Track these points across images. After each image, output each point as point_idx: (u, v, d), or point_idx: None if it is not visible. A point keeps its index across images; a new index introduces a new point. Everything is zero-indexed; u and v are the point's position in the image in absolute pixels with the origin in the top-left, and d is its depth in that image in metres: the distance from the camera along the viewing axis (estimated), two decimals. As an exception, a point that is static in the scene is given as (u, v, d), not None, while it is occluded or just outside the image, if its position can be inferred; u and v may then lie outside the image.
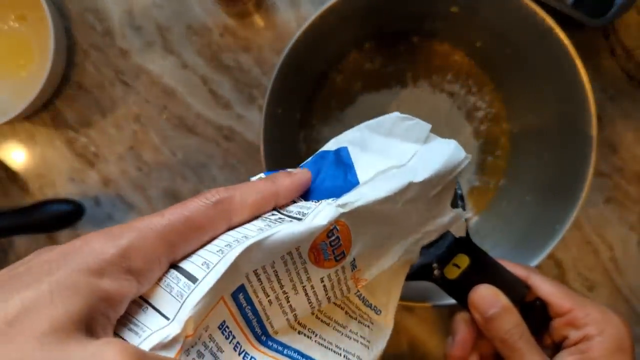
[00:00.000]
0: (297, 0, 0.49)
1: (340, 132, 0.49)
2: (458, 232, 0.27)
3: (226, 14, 0.49)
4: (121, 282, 0.16)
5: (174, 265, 0.19)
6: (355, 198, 0.21)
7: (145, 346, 0.16)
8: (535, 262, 0.40)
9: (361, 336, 0.25)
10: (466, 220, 0.31)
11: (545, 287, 0.30)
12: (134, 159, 0.50)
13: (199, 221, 0.19)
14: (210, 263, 0.18)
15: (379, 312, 0.26)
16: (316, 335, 0.23)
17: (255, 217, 0.21)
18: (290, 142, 0.47)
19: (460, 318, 0.31)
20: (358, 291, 0.25)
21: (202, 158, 0.50)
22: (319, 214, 0.20)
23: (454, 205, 0.25)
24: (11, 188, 0.50)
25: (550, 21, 0.39)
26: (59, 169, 0.50)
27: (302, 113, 0.48)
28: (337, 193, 0.21)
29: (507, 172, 0.48)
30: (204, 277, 0.17)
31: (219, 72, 0.49)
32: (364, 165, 0.23)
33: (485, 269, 0.29)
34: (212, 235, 0.19)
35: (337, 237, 0.21)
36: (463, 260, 0.28)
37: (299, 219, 0.20)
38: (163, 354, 0.16)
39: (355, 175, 0.22)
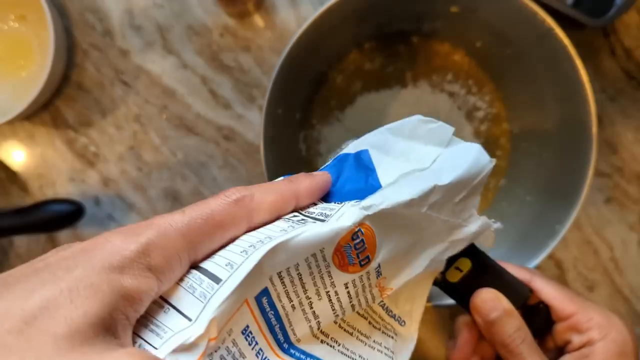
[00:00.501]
0: (297, 0, 0.49)
1: (340, 132, 0.50)
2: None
3: (226, 14, 0.49)
4: (142, 280, 0.16)
5: (196, 266, 0.18)
6: (379, 200, 0.20)
7: (167, 348, 0.15)
8: (535, 262, 0.40)
9: (385, 347, 0.24)
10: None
11: (548, 290, 0.30)
12: (134, 159, 0.50)
13: (220, 218, 0.18)
14: (234, 264, 0.18)
15: (403, 324, 0.25)
16: (339, 345, 0.22)
17: (277, 218, 0.20)
18: (290, 142, 0.47)
19: (462, 321, 0.31)
20: (381, 301, 0.24)
21: (202, 158, 0.50)
22: (343, 215, 0.20)
23: None
24: (11, 188, 0.50)
25: (550, 21, 0.39)
26: (59, 169, 0.50)
27: (302, 113, 0.48)
28: (359, 196, 0.21)
29: (507, 172, 0.48)
30: (228, 278, 0.17)
31: (219, 72, 0.49)
32: (385, 168, 0.22)
33: (488, 273, 0.29)
34: (233, 234, 0.19)
35: (362, 240, 0.20)
36: (465, 264, 0.28)
37: (323, 220, 0.20)
38: (185, 357, 0.15)
39: (377, 178, 0.22)
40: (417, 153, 0.23)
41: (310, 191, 0.21)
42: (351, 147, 0.24)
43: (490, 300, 0.28)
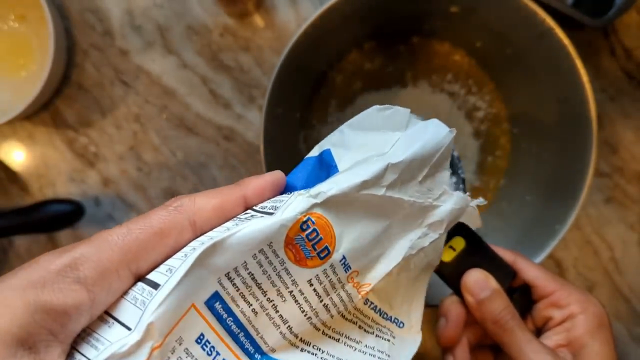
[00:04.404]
0: (297, 0, 0.49)
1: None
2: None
3: (226, 14, 0.49)
4: (68, 293, 0.16)
5: (142, 278, 0.18)
6: (328, 187, 0.20)
7: (101, 358, 0.15)
8: (535, 262, 0.40)
9: (379, 350, 0.23)
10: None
11: (531, 271, 0.32)
12: (134, 159, 0.50)
13: (160, 227, 0.18)
14: (174, 268, 0.17)
15: (401, 325, 0.24)
16: (323, 352, 0.21)
17: (226, 221, 0.20)
18: (290, 142, 0.47)
19: (450, 301, 0.31)
20: (372, 303, 0.23)
21: (202, 158, 0.50)
22: (290, 206, 0.19)
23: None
24: (11, 188, 0.50)
25: (550, 21, 0.39)
26: (59, 169, 0.50)
27: (302, 113, 0.48)
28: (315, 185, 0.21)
29: (507, 172, 0.48)
30: (165, 282, 0.17)
31: (219, 72, 0.49)
32: (346, 161, 0.22)
33: (479, 253, 0.30)
34: (176, 241, 0.19)
35: (315, 230, 0.19)
36: (459, 243, 0.29)
37: (271, 214, 0.19)
38: None
39: (337, 171, 0.21)
40: (377, 141, 0.22)
41: (259, 191, 0.21)
42: (315, 150, 0.23)
43: (480, 280, 0.29)
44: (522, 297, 0.32)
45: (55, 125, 0.50)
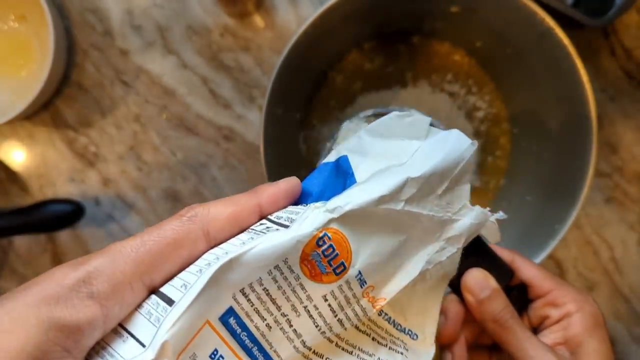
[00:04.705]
0: (297, 0, 0.49)
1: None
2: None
3: (226, 14, 0.49)
4: (81, 309, 0.16)
5: (156, 291, 0.18)
6: (345, 201, 0.19)
7: None
8: (535, 262, 0.40)
9: None
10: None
11: (528, 270, 0.32)
12: (134, 159, 0.50)
13: (174, 238, 0.18)
14: (188, 284, 0.17)
15: (415, 337, 0.24)
16: None
17: (240, 231, 0.19)
18: (290, 142, 0.47)
19: (450, 299, 0.32)
20: (386, 314, 0.23)
21: (202, 158, 0.50)
22: (306, 220, 0.19)
23: None
24: (11, 188, 0.50)
25: (550, 21, 0.39)
26: (59, 169, 0.50)
27: (302, 113, 0.48)
28: (332, 195, 0.20)
29: (507, 172, 0.48)
30: (180, 299, 0.17)
31: (219, 72, 0.49)
32: (363, 169, 0.21)
33: (479, 253, 0.30)
34: (191, 252, 0.18)
35: (331, 246, 0.19)
36: None
37: (287, 226, 0.19)
38: None
39: (354, 181, 0.21)
40: (395, 150, 0.21)
41: (274, 199, 0.20)
42: (331, 156, 0.23)
43: (481, 280, 0.30)
44: (519, 295, 0.32)
45: (55, 125, 0.50)
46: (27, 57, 0.48)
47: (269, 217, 0.20)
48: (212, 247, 0.19)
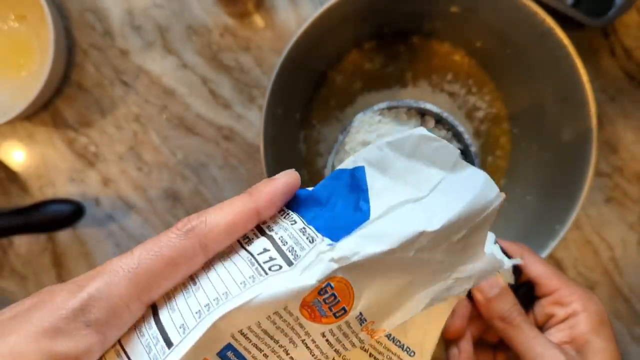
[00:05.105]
0: (297, 0, 0.49)
1: (340, 132, 0.49)
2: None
3: (226, 14, 0.49)
4: (79, 339, 0.16)
5: (155, 311, 0.18)
6: (352, 251, 0.18)
7: None
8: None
9: None
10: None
11: (536, 268, 0.32)
12: (134, 159, 0.50)
13: (171, 255, 0.18)
14: (187, 327, 0.17)
15: (412, 354, 0.23)
16: None
17: (241, 244, 0.19)
18: (290, 142, 0.47)
19: None
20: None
21: (202, 158, 0.50)
22: (309, 267, 0.18)
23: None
24: (11, 188, 0.50)
25: (550, 21, 0.39)
26: (59, 169, 0.50)
27: (302, 113, 0.48)
28: (342, 226, 0.19)
29: (507, 172, 0.48)
30: (179, 342, 0.17)
31: (219, 72, 0.49)
32: (379, 190, 0.20)
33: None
34: (188, 269, 0.18)
35: (333, 295, 0.19)
36: None
37: (291, 263, 0.18)
38: None
39: (367, 204, 0.20)
40: (416, 175, 0.20)
41: (273, 200, 0.20)
42: (349, 162, 0.22)
43: (490, 278, 0.30)
44: (526, 293, 0.32)
45: (55, 125, 0.50)
46: (27, 57, 0.48)
47: (274, 235, 0.20)
48: (209, 258, 0.19)
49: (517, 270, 0.32)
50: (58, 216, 0.48)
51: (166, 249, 0.18)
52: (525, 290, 0.32)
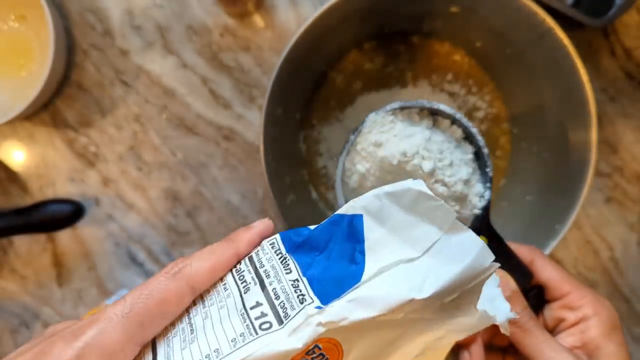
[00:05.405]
0: (297, 0, 0.49)
1: (340, 132, 0.49)
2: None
3: (226, 14, 0.49)
4: None
5: (154, 346, 0.19)
6: (340, 316, 0.19)
7: None
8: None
9: None
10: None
11: (547, 272, 0.32)
12: (134, 159, 0.50)
13: (162, 298, 0.19)
14: None
15: None
16: None
17: (221, 276, 0.21)
18: (290, 142, 0.47)
19: None
20: None
21: (202, 158, 0.50)
22: (296, 331, 0.19)
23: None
24: (11, 188, 0.50)
25: (550, 21, 0.39)
26: (59, 169, 0.50)
27: (302, 113, 0.48)
28: (335, 279, 0.20)
29: (507, 172, 0.48)
30: None
31: (219, 72, 0.49)
32: (374, 245, 0.20)
33: (500, 254, 0.30)
34: (178, 307, 0.20)
35: (321, 355, 0.19)
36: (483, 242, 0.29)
37: (281, 322, 0.19)
38: None
39: (363, 256, 0.20)
40: (412, 231, 0.20)
41: (251, 244, 0.22)
42: (348, 207, 0.22)
43: (502, 280, 0.29)
44: (536, 297, 0.32)
45: (55, 125, 0.50)
46: (27, 57, 0.48)
47: (268, 287, 0.21)
48: (196, 297, 0.21)
49: (527, 273, 0.31)
50: (58, 216, 0.48)
51: (157, 292, 0.19)
52: (536, 294, 0.32)
